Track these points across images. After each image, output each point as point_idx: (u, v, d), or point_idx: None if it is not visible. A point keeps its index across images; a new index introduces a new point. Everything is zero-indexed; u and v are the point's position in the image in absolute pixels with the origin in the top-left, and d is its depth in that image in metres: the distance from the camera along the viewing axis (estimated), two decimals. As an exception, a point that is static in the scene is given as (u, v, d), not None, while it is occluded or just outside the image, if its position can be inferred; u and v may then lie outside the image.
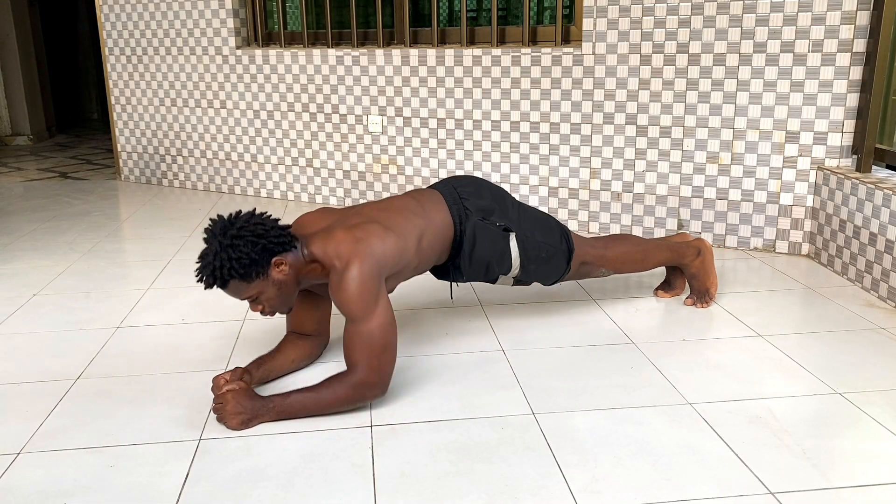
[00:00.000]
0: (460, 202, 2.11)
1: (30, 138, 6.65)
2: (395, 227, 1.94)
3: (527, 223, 2.19)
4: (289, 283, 1.86)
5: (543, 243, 2.20)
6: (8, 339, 2.38)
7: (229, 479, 1.60)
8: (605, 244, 2.39)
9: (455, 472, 1.60)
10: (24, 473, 1.63)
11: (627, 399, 1.91)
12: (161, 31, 4.45)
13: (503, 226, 2.13)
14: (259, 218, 1.84)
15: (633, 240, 2.47)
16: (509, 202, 2.22)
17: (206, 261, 1.79)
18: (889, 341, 2.23)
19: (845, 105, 2.89)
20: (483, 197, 2.15)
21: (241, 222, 1.81)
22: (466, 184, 2.18)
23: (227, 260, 1.76)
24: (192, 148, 4.54)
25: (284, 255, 1.84)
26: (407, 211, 2.03)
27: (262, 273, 1.80)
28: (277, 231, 1.84)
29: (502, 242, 2.13)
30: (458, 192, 2.13)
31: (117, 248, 3.39)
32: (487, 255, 2.12)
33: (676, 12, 3.12)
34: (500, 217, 2.14)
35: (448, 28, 3.77)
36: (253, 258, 1.78)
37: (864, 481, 1.54)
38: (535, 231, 2.19)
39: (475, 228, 2.09)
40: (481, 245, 2.10)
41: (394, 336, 1.84)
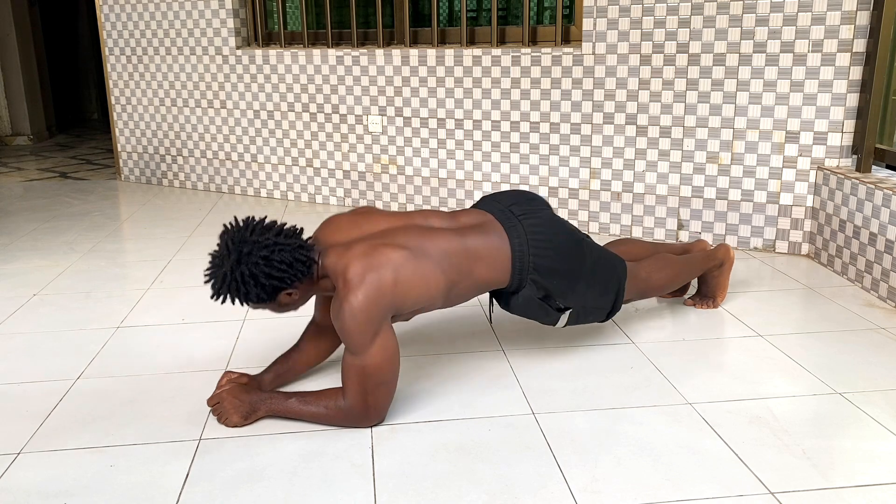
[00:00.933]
0: (527, 273, 1.89)
1: (30, 138, 6.64)
2: (424, 265, 1.75)
3: (590, 295, 2.00)
4: (296, 303, 1.80)
5: (594, 308, 2.05)
6: (8, 339, 2.38)
7: (229, 479, 1.60)
8: (648, 276, 2.23)
9: (455, 472, 1.60)
10: (24, 473, 1.63)
11: (627, 399, 1.91)
12: (161, 31, 4.45)
13: (560, 307, 1.97)
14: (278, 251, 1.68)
15: (673, 268, 2.33)
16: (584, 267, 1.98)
17: (216, 276, 1.70)
18: (889, 341, 2.23)
19: (845, 105, 2.89)
20: (556, 271, 1.91)
21: (258, 257, 1.66)
22: (546, 248, 1.90)
23: (235, 290, 1.68)
24: (192, 148, 4.54)
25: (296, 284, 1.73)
26: (454, 254, 1.81)
27: (270, 300, 1.73)
28: (295, 268, 1.70)
29: (553, 317, 2.00)
30: (531, 255, 1.88)
31: (117, 248, 3.39)
32: (533, 317, 2.01)
33: (676, 12, 3.12)
34: (563, 293, 1.94)
35: (448, 28, 3.77)
36: (262, 297, 1.70)
37: (864, 481, 1.55)
38: (593, 300, 2.03)
39: (528, 302, 1.93)
40: (531, 314, 1.99)
41: (391, 373, 1.73)
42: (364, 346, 1.68)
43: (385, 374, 1.72)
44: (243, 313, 2.53)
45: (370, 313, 1.67)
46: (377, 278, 1.67)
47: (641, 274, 2.22)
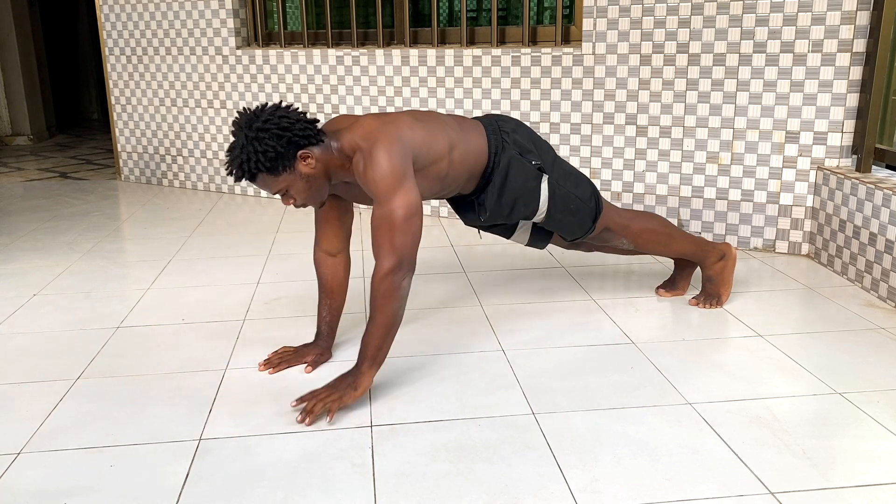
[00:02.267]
0: (500, 134, 2.10)
1: (30, 138, 6.65)
2: (426, 123, 1.96)
3: (560, 171, 2.19)
4: (318, 177, 1.87)
5: (573, 194, 2.18)
6: (8, 339, 2.38)
7: (229, 479, 1.60)
8: (631, 216, 2.38)
9: (455, 472, 1.60)
10: (24, 473, 1.63)
11: (627, 399, 1.91)
12: (161, 31, 4.45)
13: (538, 164, 2.12)
14: (284, 111, 1.83)
15: (661, 220, 2.44)
16: (546, 147, 2.21)
17: (233, 154, 1.81)
18: (889, 341, 2.23)
19: (845, 105, 2.89)
20: (522, 134, 2.14)
21: (267, 115, 1.80)
22: (508, 120, 2.17)
23: (253, 153, 1.78)
24: (192, 148, 4.54)
25: (311, 148, 1.84)
26: (442, 121, 2.03)
27: (288, 166, 1.82)
28: (303, 124, 1.83)
29: (534, 181, 2.11)
30: (499, 124, 2.12)
31: (117, 248, 3.39)
32: (517, 191, 2.10)
33: (676, 12, 3.12)
34: (536, 157, 2.13)
35: (448, 28, 3.77)
36: (279, 151, 1.79)
37: (864, 481, 1.55)
38: (568, 181, 2.18)
39: (510, 160, 2.08)
40: (513, 179, 2.09)
41: (416, 214, 1.81)
42: (394, 187, 1.79)
43: (411, 212, 1.80)
44: (243, 313, 2.53)
45: (397, 155, 1.81)
46: (395, 128, 1.86)
47: (624, 212, 2.37)
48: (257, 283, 2.83)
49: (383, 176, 1.79)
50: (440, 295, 2.68)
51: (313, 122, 1.88)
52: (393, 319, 1.85)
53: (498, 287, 2.75)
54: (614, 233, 2.34)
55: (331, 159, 1.88)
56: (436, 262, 3.04)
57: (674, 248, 2.46)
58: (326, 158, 1.87)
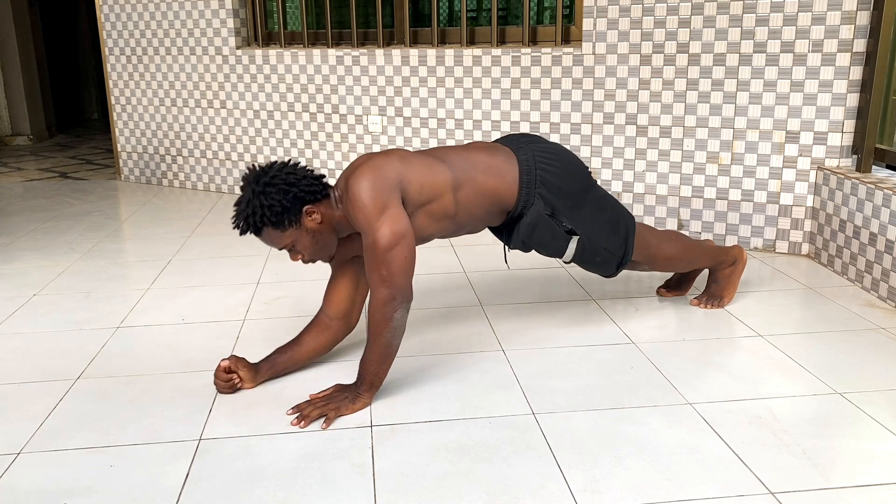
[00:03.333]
0: (534, 188, 2.01)
1: (30, 138, 6.64)
2: (426, 157, 1.94)
3: (597, 224, 2.11)
4: (324, 232, 1.88)
5: (603, 248, 2.13)
6: (8, 339, 2.38)
7: (229, 479, 1.60)
8: (658, 244, 2.31)
9: (455, 472, 1.60)
10: (24, 473, 1.63)
11: (627, 399, 1.90)
12: (161, 31, 4.45)
13: (568, 228, 2.07)
14: (291, 167, 1.87)
15: (683, 245, 2.39)
16: (590, 197, 2.11)
17: (240, 208, 1.85)
18: (889, 341, 2.23)
19: (845, 105, 2.89)
20: (563, 188, 2.04)
21: (274, 171, 1.84)
22: (550, 160, 2.04)
23: (259, 207, 1.80)
24: (192, 148, 4.54)
25: (317, 204, 1.86)
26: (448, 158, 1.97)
27: (294, 221, 1.84)
28: (309, 180, 1.86)
29: (561, 241, 2.08)
30: (537, 172, 2.01)
31: (117, 248, 3.39)
32: (541, 244, 2.09)
33: (676, 12, 3.12)
34: (570, 215, 2.05)
35: (448, 28, 3.77)
36: (285, 206, 1.81)
37: (864, 481, 1.54)
38: (601, 235, 2.12)
39: (537, 221, 2.03)
40: (539, 237, 2.07)
41: (401, 241, 1.78)
42: (372, 221, 1.78)
43: (397, 241, 1.78)
44: (243, 313, 2.53)
45: (372, 183, 1.80)
46: (379, 161, 1.86)
47: (652, 239, 2.29)
48: (257, 283, 2.83)
49: (363, 206, 1.79)
50: (440, 295, 2.68)
51: (320, 177, 1.89)
52: (387, 349, 1.85)
53: (498, 287, 2.75)
54: (637, 263, 2.31)
55: (335, 213, 1.89)
56: (436, 263, 3.04)
57: (693, 266, 2.47)
58: (331, 213, 1.89)
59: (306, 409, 1.83)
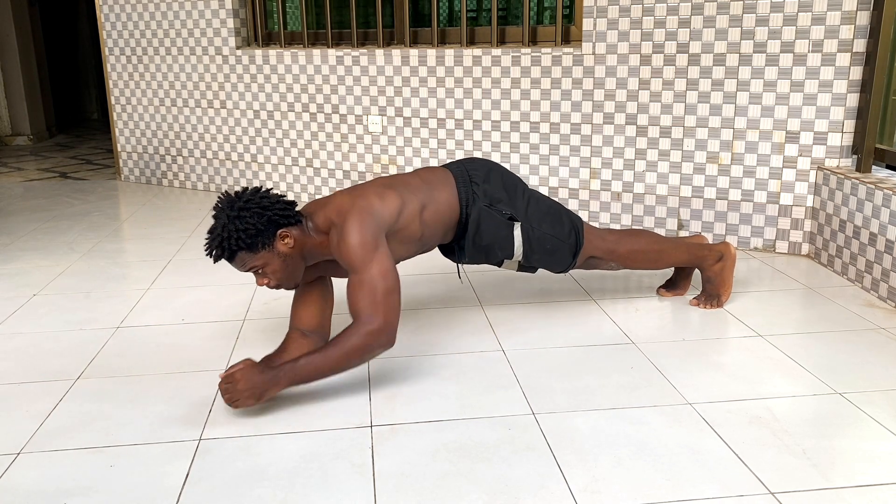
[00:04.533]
0: (470, 185, 2.15)
1: (30, 138, 6.65)
2: (395, 187, 2.03)
3: (535, 214, 2.22)
4: (294, 257, 1.92)
5: (549, 235, 2.22)
6: (8, 339, 2.38)
7: (229, 479, 1.60)
8: (617, 239, 2.37)
9: (455, 472, 1.60)
10: (24, 473, 1.63)
11: (627, 399, 1.91)
12: (161, 31, 4.45)
13: (508, 214, 2.17)
14: (264, 192, 1.92)
15: (649, 237, 2.43)
16: (521, 190, 2.24)
17: (214, 234, 1.87)
18: (889, 341, 2.23)
19: (845, 105, 2.89)
20: (492, 182, 2.19)
21: (248, 196, 1.89)
22: (479, 167, 2.21)
23: (234, 231, 1.83)
24: (192, 148, 4.54)
25: (290, 228, 1.90)
26: (409, 184, 2.09)
27: (267, 244, 1.87)
28: (282, 204, 1.91)
29: (506, 230, 2.17)
30: (469, 174, 2.17)
31: (117, 248, 3.39)
32: (490, 239, 2.16)
33: (676, 12, 3.12)
34: (508, 206, 2.18)
35: (448, 28, 3.77)
36: (259, 229, 1.85)
37: (864, 481, 1.55)
38: (543, 223, 2.22)
39: (480, 213, 2.14)
40: (485, 230, 2.15)
41: (396, 282, 1.87)
42: (368, 259, 1.85)
43: (391, 280, 1.86)
44: (243, 313, 2.53)
45: (369, 227, 1.88)
46: (366, 201, 1.94)
47: (609, 236, 2.38)
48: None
49: (356, 248, 1.85)
50: (440, 295, 2.68)
51: (291, 203, 1.95)
52: (342, 367, 1.83)
53: (498, 287, 2.75)
54: (601, 259, 2.36)
55: (308, 239, 1.94)
56: (436, 263, 3.04)
57: (666, 262, 2.46)
58: (304, 239, 1.94)
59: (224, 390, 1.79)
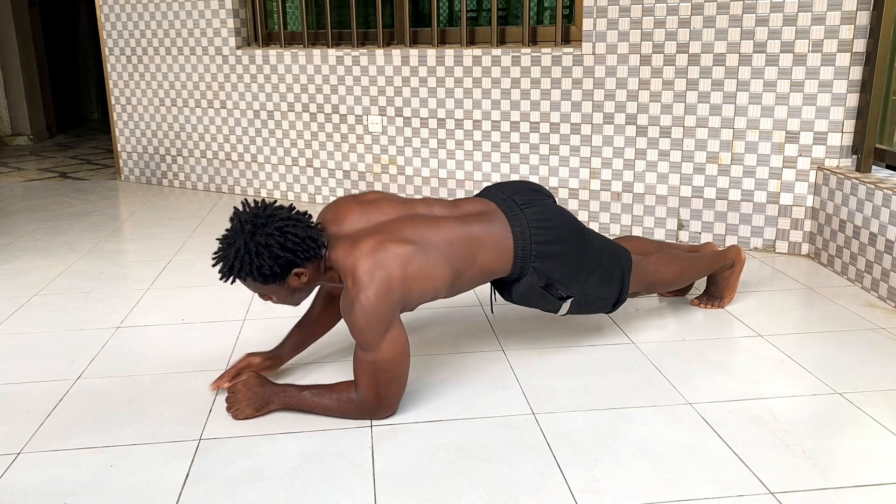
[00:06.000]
0: (528, 261, 1.92)
1: (30, 138, 6.64)
2: (430, 258, 1.78)
3: (592, 282, 2.02)
4: (304, 290, 1.83)
5: (597, 299, 2.07)
6: (8, 339, 2.38)
7: (229, 479, 1.60)
8: (655, 270, 2.24)
9: (455, 472, 1.60)
10: (24, 473, 1.63)
11: (627, 399, 1.90)
12: (161, 31, 4.45)
13: (562, 295, 1.99)
14: (292, 224, 1.72)
15: (681, 265, 2.33)
16: (585, 255, 2.01)
17: (227, 253, 1.73)
18: (889, 341, 2.23)
19: (845, 105, 2.89)
20: (558, 261, 1.94)
21: (272, 229, 1.70)
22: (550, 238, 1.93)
23: (248, 264, 1.70)
24: (192, 148, 4.54)
25: (307, 264, 1.76)
26: (452, 244, 1.83)
27: (279, 279, 1.75)
28: (307, 244, 1.73)
29: (555, 304, 2.02)
30: (533, 244, 1.91)
31: (117, 248, 3.39)
32: (535, 305, 2.04)
33: (676, 12, 3.12)
34: (565, 285, 1.98)
35: (448, 28, 3.77)
36: (275, 271, 1.71)
37: (864, 481, 1.55)
38: (595, 289, 2.04)
39: (531, 291, 1.96)
40: (532, 301, 2.01)
41: (402, 367, 1.77)
42: (376, 343, 1.72)
43: (397, 367, 1.77)
44: (243, 313, 2.52)
45: (380, 310, 1.70)
46: (385, 276, 1.70)
47: (649, 268, 2.23)
48: (257, 283, 2.83)
49: (365, 328, 1.70)
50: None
51: (317, 238, 1.76)
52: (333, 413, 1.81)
53: (498, 287, 2.75)
54: (637, 293, 2.29)
55: (320, 275, 1.82)
56: (436, 262, 3.04)
57: (693, 276, 2.42)
58: (318, 274, 1.81)
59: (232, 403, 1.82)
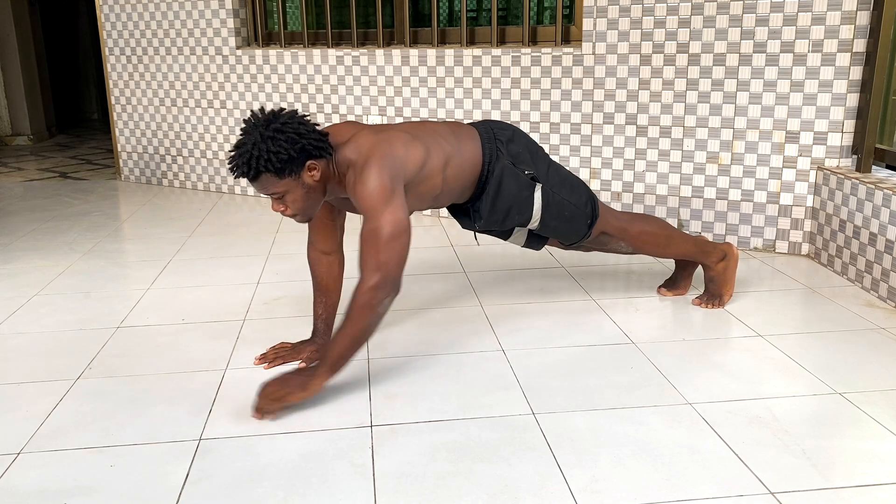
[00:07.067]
0: (494, 142, 2.11)
1: (30, 138, 6.65)
2: (422, 139, 1.97)
3: (555, 179, 2.20)
4: (316, 190, 1.88)
5: (568, 202, 2.20)
6: (8, 339, 2.38)
7: (229, 479, 1.60)
8: (629, 219, 2.38)
9: (455, 472, 1.60)
10: (24, 473, 1.63)
11: (627, 399, 1.91)
12: (161, 31, 4.45)
13: (531, 174, 2.14)
14: (301, 118, 1.85)
15: (660, 223, 2.44)
16: (542, 155, 2.22)
17: (243, 149, 1.79)
18: (889, 341, 2.23)
19: (845, 105, 2.89)
20: (517, 142, 2.16)
21: (286, 118, 1.82)
22: (504, 126, 2.18)
23: (266, 152, 1.77)
24: (192, 148, 4.54)
25: (319, 160, 1.85)
26: (437, 133, 2.04)
27: (294, 172, 1.82)
28: (318, 134, 1.85)
29: (527, 190, 2.13)
30: (494, 132, 2.14)
31: (117, 248, 3.39)
32: (510, 200, 2.12)
33: (676, 12, 3.12)
34: (530, 166, 2.15)
35: (448, 28, 3.77)
36: (291, 155, 1.79)
37: (864, 481, 1.55)
38: (563, 189, 2.20)
39: (503, 171, 2.10)
40: (506, 189, 2.11)
41: (403, 233, 1.81)
42: (383, 205, 1.80)
43: (398, 229, 1.81)
44: (243, 313, 2.53)
45: (388, 173, 1.83)
46: (389, 146, 1.88)
47: (622, 215, 2.38)
48: (257, 283, 2.83)
49: (371, 193, 1.80)
50: (440, 295, 2.68)
51: (326, 135, 1.89)
52: (362, 333, 1.83)
53: (498, 287, 2.75)
54: (612, 236, 2.35)
55: (331, 175, 1.90)
56: (436, 262, 3.04)
57: (673, 249, 2.46)
58: (328, 173, 1.90)
59: (261, 400, 1.82)
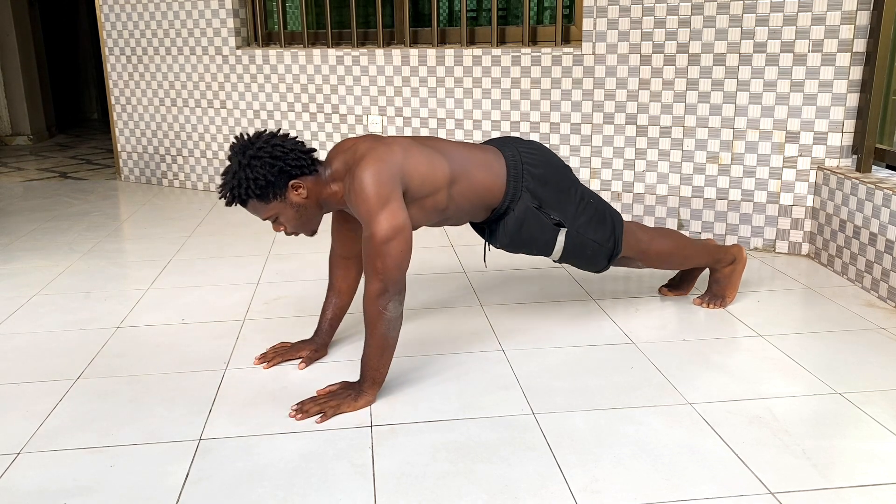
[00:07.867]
0: (521, 181, 2.03)
1: (30, 138, 6.64)
2: (425, 151, 1.92)
3: (582, 219, 2.12)
4: (308, 207, 1.88)
5: (592, 241, 2.14)
6: (8, 339, 2.38)
7: (229, 479, 1.60)
8: (649, 240, 2.32)
9: (455, 472, 1.60)
10: (24, 473, 1.63)
11: (627, 399, 1.91)
12: (161, 31, 4.45)
13: (556, 220, 2.08)
14: (280, 139, 1.84)
15: (677, 240, 2.39)
16: (573, 190, 2.13)
17: (225, 179, 1.84)
18: (889, 341, 2.23)
19: (845, 105, 2.89)
20: (548, 185, 2.07)
21: (261, 143, 1.82)
22: (537, 162, 2.07)
23: (244, 179, 1.80)
24: (192, 148, 4.54)
25: (303, 178, 1.85)
26: (446, 150, 1.98)
27: (279, 195, 1.83)
28: (297, 154, 1.84)
29: (550, 234, 2.08)
30: (524, 168, 2.04)
31: (117, 248, 3.39)
32: (531, 241, 2.10)
33: (676, 12, 3.12)
34: (558, 210, 2.08)
35: (448, 28, 3.78)
36: (269, 179, 1.80)
37: (864, 481, 1.55)
38: (588, 228, 2.13)
39: (526, 212, 2.04)
40: (528, 231, 2.07)
41: (400, 236, 1.78)
42: (374, 214, 1.77)
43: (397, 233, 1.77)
44: (243, 313, 2.53)
45: (380, 174, 1.79)
46: (385, 148, 1.85)
47: (643, 235, 2.31)
48: (257, 283, 2.83)
49: (366, 199, 1.77)
50: (440, 295, 2.68)
51: (309, 151, 1.88)
52: (383, 341, 1.84)
53: (498, 287, 2.75)
54: (631, 259, 2.33)
55: (324, 189, 1.89)
56: (436, 262, 3.04)
57: (689, 264, 2.47)
58: (319, 189, 1.88)
59: (307, 404, 1.85)
